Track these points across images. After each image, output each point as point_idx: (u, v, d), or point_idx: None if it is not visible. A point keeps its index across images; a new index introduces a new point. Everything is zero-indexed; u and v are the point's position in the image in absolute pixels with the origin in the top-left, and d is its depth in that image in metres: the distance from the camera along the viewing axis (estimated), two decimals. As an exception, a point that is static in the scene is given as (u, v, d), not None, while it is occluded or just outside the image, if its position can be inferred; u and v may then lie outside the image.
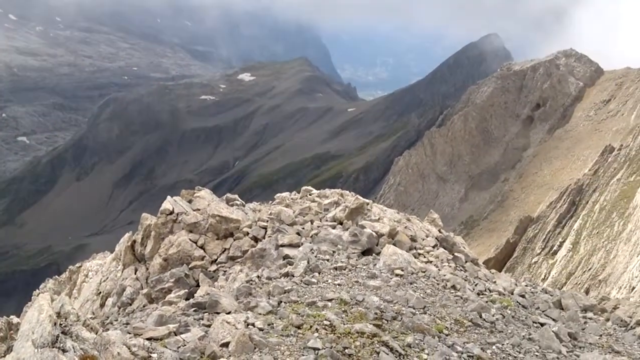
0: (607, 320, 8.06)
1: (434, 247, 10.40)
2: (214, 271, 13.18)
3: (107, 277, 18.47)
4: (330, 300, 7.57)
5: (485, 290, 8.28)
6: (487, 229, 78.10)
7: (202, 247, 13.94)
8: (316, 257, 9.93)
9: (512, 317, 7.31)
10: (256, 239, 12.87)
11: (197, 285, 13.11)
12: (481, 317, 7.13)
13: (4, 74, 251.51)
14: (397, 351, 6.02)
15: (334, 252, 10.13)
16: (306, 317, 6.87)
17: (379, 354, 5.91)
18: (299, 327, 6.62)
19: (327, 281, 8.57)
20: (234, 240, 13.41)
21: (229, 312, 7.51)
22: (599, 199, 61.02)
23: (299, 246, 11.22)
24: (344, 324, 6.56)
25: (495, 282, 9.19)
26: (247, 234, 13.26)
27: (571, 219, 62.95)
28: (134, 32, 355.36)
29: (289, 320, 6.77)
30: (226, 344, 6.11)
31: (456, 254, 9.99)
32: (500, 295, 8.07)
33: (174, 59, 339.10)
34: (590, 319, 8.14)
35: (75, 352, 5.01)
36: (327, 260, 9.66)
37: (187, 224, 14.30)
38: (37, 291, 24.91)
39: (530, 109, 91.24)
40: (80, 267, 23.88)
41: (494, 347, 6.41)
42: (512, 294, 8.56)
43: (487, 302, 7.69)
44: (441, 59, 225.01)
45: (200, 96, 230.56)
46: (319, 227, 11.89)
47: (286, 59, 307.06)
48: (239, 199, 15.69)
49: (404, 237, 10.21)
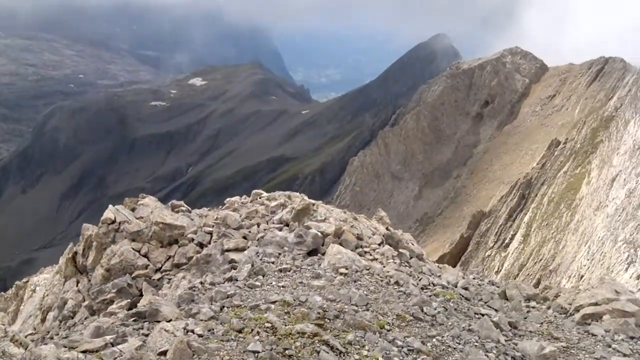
0: (548, 308, 8.19)
1: (379, 244, 10.40)
2: (159, 279, 12.88)
3: (50, 291, 17.79)
4: (273, 302, 7.49)
5: (429, 284, 8.37)
6: (442, 225, 79.46)
7: (145, 256, 13.62)
8: (261, 260, 9.83)
9: (455, 309, 7.39)
10: (201, 245, 12.62)
11: (141, 294, 12.72)
12: (423, 311, 7.21)
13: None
14: (337, 349, 6.01)
15: (279, 254, 10.04)
16: (248, 320, 6.77)
17: (319, 353, 5.88)
18: (239, 331, 6.51)
19: (271, 284, 8.52)
20: (179, 247, 13.15)
21: (169, 320, 7.27)
22: (547, 191, 62.95)
23: (245, 250, 11.01)
24: (286, 325, 6.52)
25: (440, 276, 9.25)
26: (192, 240, 13.01)
27: (521, 212, 64.72)
28: (79, 38, 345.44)
29: (230, 324, 6.66)
30: (164, 353, 5.96)
31: (401, 251, 10.01)
32: (443, 288, 8.16)
33: (122, 65, 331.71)
34: (533, 307, 8.27)
35: (0, 368, 4.75)
36: (273, 262, 9.58)
37: (129, 233, 14.00)
38: (-19, 309, 23.74)
39: (479, 106, 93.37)
40: (27, 282, 23.03)
41: (434, 339, 6.50)
42: (456, 287, 8.60)
43: (430, 296, 7.78)
44: (392, 59, 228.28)
45: (150, 102, 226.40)
46: (265, 230, 11.76)
47: (238, 62, 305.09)
48: (185, 205, 15.32)
49: (350, 236, 10.18)
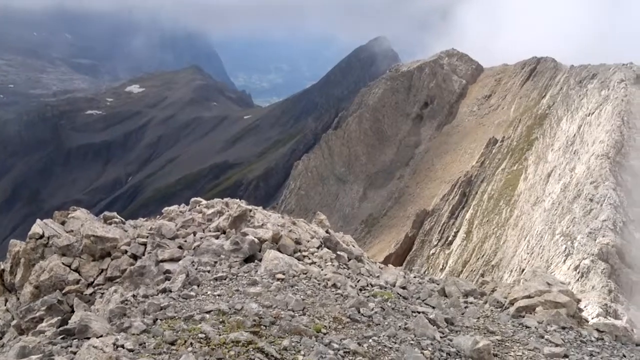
0: (485, 303, 8.29)
1: (318, 248, 10.31)
2: (91, 294, 12.42)
3: (-23, 312, 16.75)
4: (208, 312, 7.31)
5: (367, 285, 8.36)
6: (387, 226, 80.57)
7: (76, 271, 13.12)
8: (197, 269, 9.59)
9: (392, 309, 7.41)
10: (135, 257, 12.20)
11: (72, 311, 12.16)
12: (359, 312, 7.17)
13: None
14: (272, 356, 5.92)
15: (215, 262, 9.81)
16: (181, 332, 6.60)
17: (254, 360, 5.80)
18: (172, 343, 6.33)
19: (206, 293, 8.34)
20: (112, 260, 12.72)
21: (100, 336, 6.96)
22: (487, 188, 64.98)
23: (180, 260, 10.67)
24: (220, 335, 6.38)
25: (378, 276, 9.23)
26: (126, 252, 12.55)
27: (463, 210, 66.52)
28: (8, 47, 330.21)
29: (162, 337, 6.47)
30: (92, 369, 5.66)
31: (339, 253, 9.98)
32: (381, 289, 8.15)
33: (55, 74, 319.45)
34: (471, 303, 8.39)
35: None
36: (208, 271, 9.36)
37: (59, 247, 13.48)
38: None
39: (419, 107, 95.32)
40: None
41: (370, 340, 6.48)
42: (394, 286, 8.60)
43: (368, 297, 7.75)
44: (333, 63, 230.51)
45: (85, 111, 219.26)
46: (201, 238, 11.46)
47: (176, 68, 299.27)
48: (118, 216, 14.79)
49: (288, 241, 10.06)
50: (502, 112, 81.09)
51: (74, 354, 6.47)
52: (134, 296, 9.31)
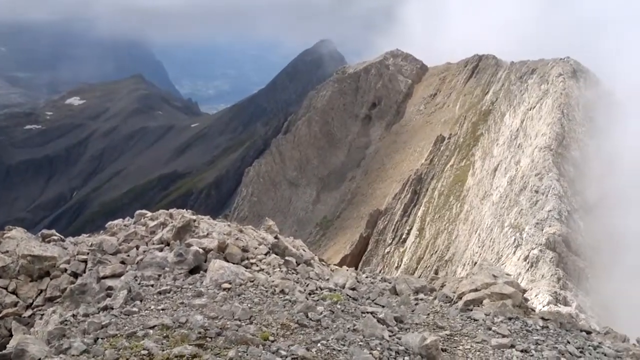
0: (434, 298, 8.31)
1: (266, 254, 10.16)
2: (30, 317, 11.80)
3: None
4: (151, 327, 7.08)
5: (316, 289, 8.29)
6: (342, 227, 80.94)
7: (14, 292, 12.51)
8: (139, 284, 9.24)
9: (342, 311, 7.36)
10: (76, 275, 11.69)
11: (11, 335, 11.53)
12: (308, 317, 7.09)
13: None
14: None
15: (159, 275, 9.52)
16: (123, 350, 6.37)
17: (198, 374, 5.62)
18: None
19: (149, 308, 8.07)
20: (51, 279, 12.16)
21: None
22: (437, 185, 66.19)
23: (123, 275, 10.27)
24: (163, 350, 6.18)
25: (328, 279, 9.15)
26: (66, 270, 11.97)
27: (415, 207, 67.51)
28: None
29: (103, 357, 6.25)
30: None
31: (287, 258, 9.83)
32: (331, 291, 8.07)
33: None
34: (421, 299, 8.43)
35: None
36: (152, 285, 9.07)
37: None
38: None
39: (367, 108, 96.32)
40: None
41: (319, 344, 6.42)
42: (344, 288, 8.55)
43: (317, 300, 7.67)
44: (280, 67, 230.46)
45: (24, 126, 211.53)
46: (145, 251, 11.05)
47: (118, 78, 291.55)
48: (57, 234, 14.18)
49: (235, 249, 9.86)
50: (448, 109, 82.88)
51: (12, 379, 6.09)
52: (74, 316, 8.94)
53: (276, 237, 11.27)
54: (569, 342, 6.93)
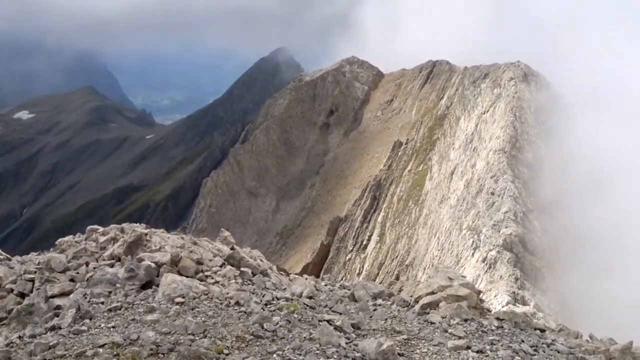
0: (392, 303, 8.28)
1: (221, 266, 9.93)
2: None
3: None
4: (101, 346, 6.88)
5: (273, 299, 8.16)
6: (302, 236, 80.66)
7: None
8: (89, 301, 8.90)
9: (299, 320, 7.28)
10: (23, 295, 11.14)
11: (-46, 362, 10.88)
12: (263, 327, 6.98)
13: None
14: None
15: (110, 292, 9.23)
16: None
17: (150, 391, 5.42)
18: None
19: (99, 326, 7.87)
20: None
21: None
22: (396, 190, 66.84)
23: (72, 293, 9.86)
24: None
25: (285, 289, 9.03)
26: (12, 290, 11.39)
27: (375, 213, 67.94)
28: None
29: None
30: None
31: (243, 269, 9.64)
32: (287, 301, 7.96)
33: None
34: (379, 305, 8.43)
35: None
36: (102, 302, 8.79)
37: None
38: None
39: (325, 115, 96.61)
40: None
41: (274, 355, 6.35)
42: (301, 297, 8.46)
43: (273, 311, 7.53)
44: (236, 76, 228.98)
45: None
46: (95, 268, 10.65)
47: (69, 90, 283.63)
48: (3, 253, 13.56)
49: (188, 262, 9.61)
50: (405, 115, 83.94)
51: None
52: (20, 337, 8.59)
53: (232, 248, 11.05)
54: (523, 341, 7.01)
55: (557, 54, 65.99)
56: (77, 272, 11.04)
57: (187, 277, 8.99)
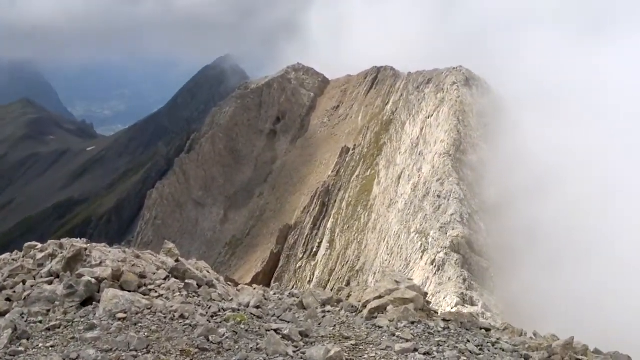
0: (341, 309, 8.26)
1: (165, 279, 9.64)
2: None
3: None
4: None
5: (219, 310, 7.95)
6: (252, 245, 79.95)
7: None
8: (26, 321, 8.45)
9: (245, 331, 7.14)
10: (-45, 318, 10.39)
11: None
12: (209, 340, 6.79)
13: None
14: None
15: (48, 310, 8.78)
16: None
17: (88, 412, 5.16)
18: None
19: (37, 346, 7.44)
20: None
21: None
22: (344, 196, 67.19)
23: (8, 313, 9.35)
24: None
25: (232, 299, 8.86)
26: (-57, 314, 10.67)
27: (324, 219, 68.07)
28: None
29: None
30: None
31: (187, 281, 9.40)
32: (234, 312, 7.78)
33: None
34: (328, 312, 8.34)
35: None
36: (40, 321, 8.34)
37: None
38: None
39: (271, 123, 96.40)
40: None
41: None
42: (249, 307, 8.31)
43: (220, 322, 7.37)
44: (179, 85, 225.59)
45: None
46: (32, 286, 10.13)
47: (3, 102, 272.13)
48: None
49: (131, 276, 9.28)
50: (351, 121, 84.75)
51: None
52: (-51, 364, 8.04)
53: (177, 260, 10.76)
54: (468, 341, 7.09)
55: (499, 55, 68.24)
56: (14, 291, 10.49)
57: (130, 291, 8.69)
